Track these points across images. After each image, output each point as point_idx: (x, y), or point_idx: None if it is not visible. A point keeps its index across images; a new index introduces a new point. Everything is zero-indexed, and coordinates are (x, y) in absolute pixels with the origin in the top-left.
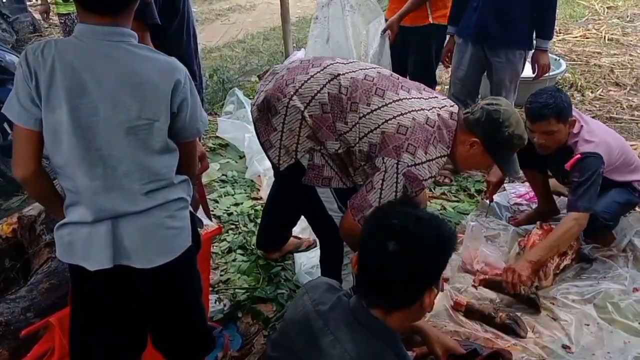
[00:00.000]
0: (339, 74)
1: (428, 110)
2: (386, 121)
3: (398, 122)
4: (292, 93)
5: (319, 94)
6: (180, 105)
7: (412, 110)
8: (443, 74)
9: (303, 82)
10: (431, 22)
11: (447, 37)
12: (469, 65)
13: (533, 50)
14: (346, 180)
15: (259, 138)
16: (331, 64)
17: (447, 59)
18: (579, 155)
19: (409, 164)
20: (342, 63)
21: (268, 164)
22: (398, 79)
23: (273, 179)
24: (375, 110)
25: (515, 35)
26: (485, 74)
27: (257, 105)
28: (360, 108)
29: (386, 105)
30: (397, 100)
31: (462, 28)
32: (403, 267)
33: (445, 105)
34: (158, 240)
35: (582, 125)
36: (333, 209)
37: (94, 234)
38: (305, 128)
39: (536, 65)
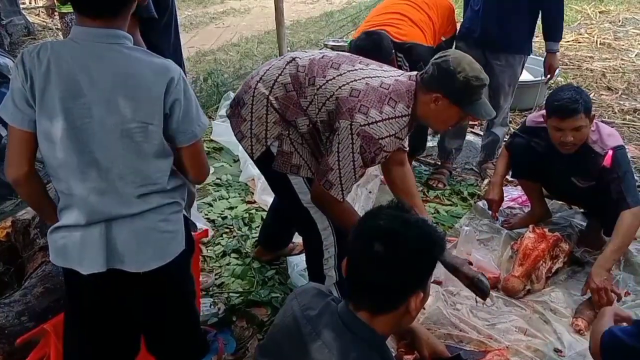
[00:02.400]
0: (296, 57)
1: (384, 77)
2: (340, 87)
3: (351, 87)
4: (256, 81)
5: (280, 77)
6: (172, 106)
7: (366, 77)
8: None
9: (265, 70)
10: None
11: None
12: None
13: (531, 55)
14: (316, 170)
15: (233, 132)
16: (292, 53)
17: None
18: (611, 151)
19: (362, 124)
20: (304, 52)
21: None
22: (358, 57)
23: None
24: (330, 80)
25: (516, 40)
26: None
27: (230, 103)
28: (316, 81)
29: (340, 75)
30: (352, 70)
31: (464, 32)
32: (387, 268)
33: (404, 74)
34: (151, 244)
35: (596, 122)
36: (307, 200)
37: (87, 238)
38: (272, 114)
39: (548, 68)
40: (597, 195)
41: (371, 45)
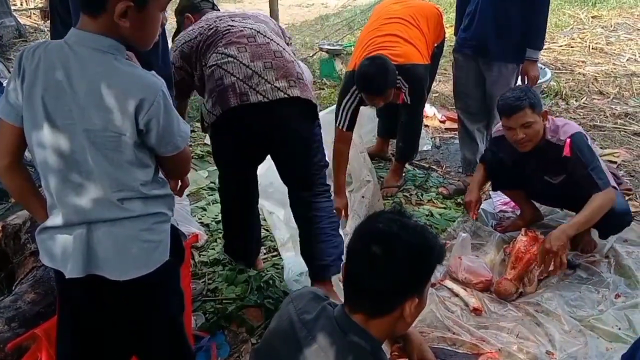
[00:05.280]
0: (258, 31)
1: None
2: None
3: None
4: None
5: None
6: (147, 125)
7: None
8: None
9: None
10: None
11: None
12: (468, 80)
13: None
14: None
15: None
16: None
17: None
18: (568, 139)
19: None
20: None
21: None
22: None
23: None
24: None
25: (510, 49)
26: None
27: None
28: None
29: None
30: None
31: (461, 43)
32: (383, 270)
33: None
34: (132, 252)
35: (550, 118)
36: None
37: (68, 241)
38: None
39: (526, 77)
40: (572, 188)
41: (376, 70)
